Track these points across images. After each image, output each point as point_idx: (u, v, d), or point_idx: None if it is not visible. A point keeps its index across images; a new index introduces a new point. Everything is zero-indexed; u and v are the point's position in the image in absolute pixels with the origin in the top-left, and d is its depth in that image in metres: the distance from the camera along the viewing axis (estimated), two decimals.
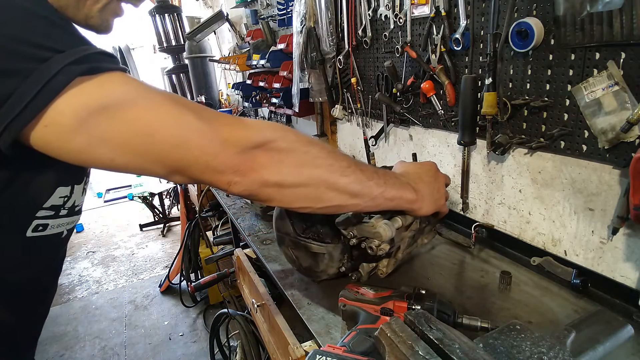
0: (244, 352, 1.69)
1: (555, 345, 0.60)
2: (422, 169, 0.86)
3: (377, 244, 0.85)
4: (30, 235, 0.62)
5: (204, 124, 0.54)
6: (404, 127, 1.53)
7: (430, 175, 0.85)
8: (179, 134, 0.52)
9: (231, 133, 0.56)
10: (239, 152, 0.56)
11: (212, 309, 2.94)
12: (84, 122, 0.48)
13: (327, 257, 0.92)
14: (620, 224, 0.87)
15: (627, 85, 0.81)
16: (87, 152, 0.50)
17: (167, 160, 0.53)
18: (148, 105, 0.51)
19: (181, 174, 0.55)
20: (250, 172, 0.58)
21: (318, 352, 0.66)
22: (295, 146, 0.62)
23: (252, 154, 0.57)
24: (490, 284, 1.00)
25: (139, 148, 0.51)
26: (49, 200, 0.62)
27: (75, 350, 2.73)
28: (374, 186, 0.72)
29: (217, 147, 0.55)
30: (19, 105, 0.45)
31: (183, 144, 0.53)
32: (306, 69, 1.88)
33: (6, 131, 0.46)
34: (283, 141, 0.61)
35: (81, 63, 0.47)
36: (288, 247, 0.97)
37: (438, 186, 0.85)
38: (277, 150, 0.60)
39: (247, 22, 2.93)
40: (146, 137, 0.51)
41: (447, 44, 1.19)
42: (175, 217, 4.38)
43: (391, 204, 0.76)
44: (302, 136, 0.65)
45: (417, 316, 0.62)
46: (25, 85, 0.45)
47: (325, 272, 0.95)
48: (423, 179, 0.83)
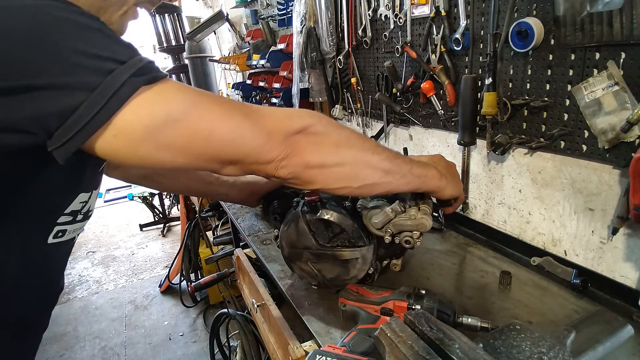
0: (244, 352, 1.69)
1: (555, 345, 0.60)
2: (435, 157, 0.89)
3: (417, 235, 0.85)
4: (51, 242, 0.64)
5: (250, 120, 0.59)
6: (404, 127, 1.53)
7: (443, 161, 0.88)
8: (232, 132, 0.57)
9: (274, 124, 0.61)
10: (283, 139, 0.61)
11: (212, 309, 2.94)
12: (151, 131, 0.51)
13: (361, 261, 0.89)
14: (620, 224, 0.87)
15: (627, 85, 0.81)
16: (152, 157, 0.54)
17: (222, 157, 0.58)
18: (202, 111, 0.55)
19: (234, 165, 0.60)
20: (295, 156, 0.62)
21: (318, 352, 0.66)
22: (329, 129, 0.67)
23: (295, 140, 0.62)
24: (490, 284, 1.00)
25: (199, 150, 0.56)
26: (70, 206, 0.64)
27: (75, 350, 2.73)
28: (402, 164, 0.76)
29: (265, 138, 0.59)
30: (87, 116, 0.47)
31: (236, 140, 0.58)
32: (306, 69, 1.88)
33: (71, 140, 0.47)
34: (319, 125, 0.65)
35: (142, 74, 0.50)
36: (307, 262, 0.93)
37: (453, 171, 0.88)
38: (315, 134, 0.65)
39: (247, 22, 2.93)
40: (204, 140, 0.55)
41: (447, 44, 1.19)
42: (175, 217, 4.37)
43: (419, 181, 0.79)
44: (332, 120, 0.70)
45: (417, 316, 0.62)
46: (92, 98, 0.46)
47: (356, 278, 0.92)
48: (439, 164, 0.85)
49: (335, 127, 0.69)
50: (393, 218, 0.85)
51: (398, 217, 0.85)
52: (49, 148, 0.48)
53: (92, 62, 0.47)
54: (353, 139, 0.70)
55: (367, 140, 0.73)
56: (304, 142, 0.63)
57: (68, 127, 0.47)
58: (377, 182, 0.72)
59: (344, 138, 0.68)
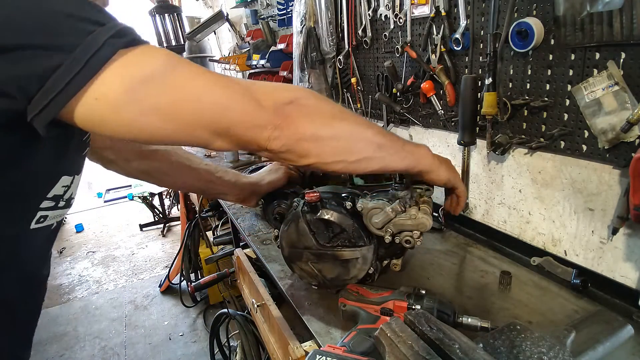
0: (244, 352, 1.69)
1: (555, 345, 0.60)
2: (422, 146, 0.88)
3: (417, 235, 0.85)
4: (34, 227, 0.63)
5: (240, 88, 0.58)
6: (404, 127, 1.53)
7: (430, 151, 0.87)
8: (221, 98, 0.56)
9: (265, 94, 0.60)
10: (275, 109, 0.60)
11: (212, 309, 2.94)
12: (134, 92, 0.49)
13: (361, 260, 0.89)
14: (620, 224, 0.87)
15: (627, 85, 0.81)
16: (137, 122, 0.51)
17: (213, 125, 0.56)
18: (190, 74, 0.54)
19: (225, 136, 0.59)
20: (287, 126, 0.61)
21: (318, 352, 0.66)
22: (321, 103, 0.68)
23: (287, 110, 0.62)
24: (490, 284, 1.00)
25: (188, 114, 0.54)
26: (52, 190, 0.62)
27: (75, 350, 2.73)
28: (395, 139, 0.76)
29: (255, 106, 0.59)
30: (65, 79, 0.45)
31: (226, 107, 0.56)
32: (306, 69, 1.88)
33: (50, 105, 0.46)
34: (311, 98, 0.66)
35: (121, 36, 0.48)
36: (307, 262, 0.93)
37: (442, 158, 0.86)
38: (307, 106, 0.65)
39: (247, 22, 2.93)
40: (194, 102, 0.54)
41: (447, 44, 1.19)
42: (175, 217, 4.37)
43: (413, 157, 0.79)
44: (323, 95, 0.72)
45: (417, 316, 0.62)
46: (71, 59, 0.45)
47: (356, 278, 0.92)
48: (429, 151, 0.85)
49: (327, 101, 0.69)
50: (393, 218, 0.85)
51: (398, 216, 0.85)
52: (29, 117, 0.46)
53: (71, 22, 0.46)
54: (345, 113, 0.70)
55: (358, 115, 0.73)
56: (296, 113, 0.63)
57: (47, 90, 0.45)
58: (372, 156, 0.71)
59: (337, 111, 0.68)
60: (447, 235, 1.28)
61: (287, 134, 0.62)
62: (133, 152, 0.97)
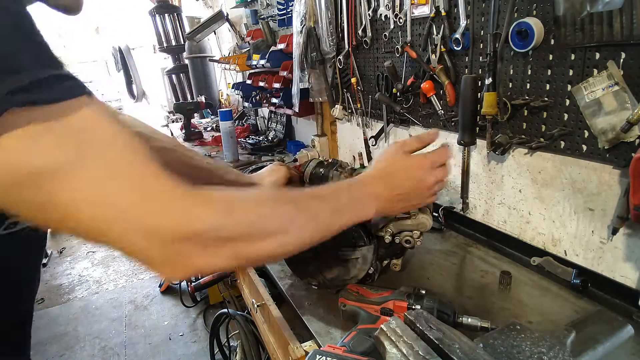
0: (244, 352, 1.69)
1: (555, 345, 0.60)
2: (398, 176, 0.75)
3: (417, 235, 0.85)
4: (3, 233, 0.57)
5: (134, 212, 0.46)
6: (404, 127, 1.53)
7: (399, 163, 0.76)
8: (102, 219, 0.45)
9: (163, 224, 0.47)
10: (168, 246, 0.48)
11: (212, 309, 2.94)
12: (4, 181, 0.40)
13: (361, 260, 0.89)
14: (620, 224, 0.87)
15: (627, 85, 0.81)
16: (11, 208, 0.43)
17: (87, 237, 0.47)
18: (80, 177, 0.43)
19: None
20: (183, 268, 0.50)
21: (318, 352, 0.66)
22: (239, 231, 0.53)
23: (182, 247, 0.49)
24: (490, 284, 1.00)
25: (57, 221, 0.45)
26: None
27: (75, 351, 2.73)
28: (326, 202, 0.65)
29: (145, 242, 0.47)
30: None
31: (106, 231, 0.46)
32: (306, 69, 1.88)
33: None
34: (224, 230, 0.52)
35: (27, 91, 0.39)
36: (307, 262, 0.93)
37: (415, 185, 0.75)
38: (214, 240, 0.51)
39: (247, 22, 2.93)
40: (65, 212, 0.44)
41: (447, 44, 1.19)
42: None
43: (352, 214, 0.69)
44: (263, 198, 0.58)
45: (417, 316, 0.62)
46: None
47: (356, 278, 0.92)
48: (391, 188, 0.74)
49: (250, 224, 0.54)
50: (393, 218, 0.85)
51: (399, 217, 0.85)
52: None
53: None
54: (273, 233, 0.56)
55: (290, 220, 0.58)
56: (194, 251, 0.50)
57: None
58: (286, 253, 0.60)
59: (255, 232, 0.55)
60: (447, 235, 1.28)
61: (179, 273, 0.51)
62: None
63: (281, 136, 2.70)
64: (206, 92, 3.84)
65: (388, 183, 0.73)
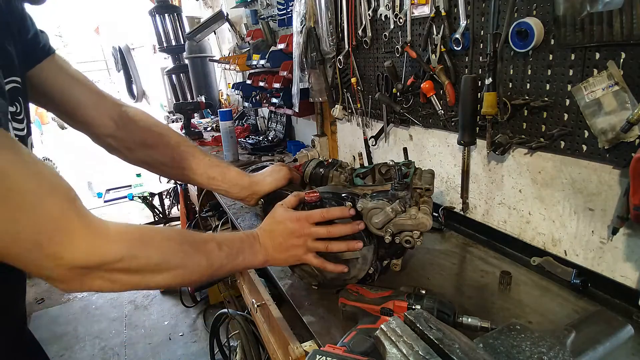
0: (244, 352, 1.69)
1: (555, 345, 0.60)
2: (277, 229, 0.85)
3: (417, 235, 0.85)
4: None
5: (41, 238, 0.52)
6: (404, 127, 1.53)
7: (282, 235, 0.84)
8: (11, 246, 0.51)
9: (69, 251, 0.53)
10: (70, 269, 0.54)
11: (212, 309, 2.94)
12: None
13: (361, 260, 0.89)
14: (620, 224, 0.87)
15: (627, 85, 0.81)
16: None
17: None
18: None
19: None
20: (79, 286, 0.58)
21: (318, 352, 0.66)
22: (145, 263, 0.62)
23: (86, 274, 0.56)
24: (490, 284, 1.00)
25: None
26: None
27: (75, 351, 2.73)
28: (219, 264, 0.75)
29: (50, 263, 0.53)
30: None
31: (13, 255, 0.52)
32: (306, 69, 1.88)
33: None
34: (130, 261, 0.59)
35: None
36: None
37: (289, 244, 0.84)
38: (118, 270, 0.59)
39: (247, 22, 2.93)
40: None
41: (447, 44, 1.19)
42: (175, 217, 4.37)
43: (239, 268, 0.80)
44: (158, 242, 0.65)
45: (417, 316, 0.61)
46: None
47: (356, 278, 0.92)
48: (273, 239, 0.84)
49: (152, 262, 0.63)
50: (393, 218, 0.85)
51: (398, 216, 0.85)
52: None
53: None
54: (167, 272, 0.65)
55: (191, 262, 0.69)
56: (94, 280, 0.57)
57: None
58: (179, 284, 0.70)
59: (157, 266, 0.64)
60: (447, 235, 1.28)
61: (73, 289, 0.59)
62: (136, 142, 0.98)
63: (281, 136, 2.70)
64: (206, 92, 3.84)
65: (270, 235, 0.83)
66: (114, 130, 0.95)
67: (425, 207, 0.88)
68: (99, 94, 0.93)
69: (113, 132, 0.95)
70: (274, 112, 2.80)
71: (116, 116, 0.95)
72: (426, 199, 0.94)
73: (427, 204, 0.91)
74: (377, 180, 1.07)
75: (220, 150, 2.52)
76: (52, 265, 0.53)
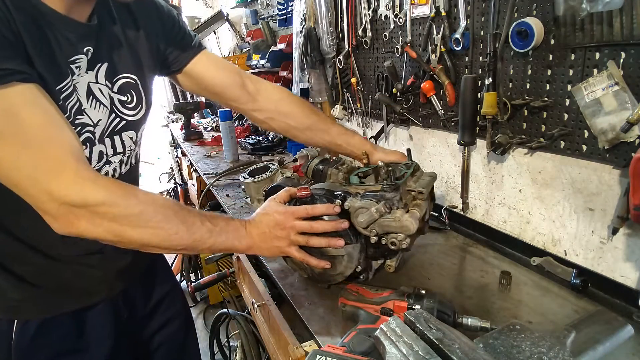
0: (244, 352, 1.69)
1: (555, 345, 0.60)
2: (264, 219, 0.88)
3: (401, 237, 0.85)
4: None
5: (37, 173, 0.62)
6: (404, 127, 1.53)
7: (268, 225, 0.87)
8: (14, 177, 0.63)
9: (59, 188, 0.63)
10: (61, 205, 0.64)
11: (212, 309, 2.94)
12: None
13: (347, 258, 0.89)
14: (620, 224, 0.87)
15: (627, 85, 0.81)
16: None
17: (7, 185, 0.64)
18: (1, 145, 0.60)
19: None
20: (68, 225, 0.66)
21: (318, 352, 0.66)
22: (125, 213, 0.68)
23: (73, 211, 0.65)
24: (490, 284, 1.00)
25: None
26: None
27: None
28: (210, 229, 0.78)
29: (44, 197, 0.63)
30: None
31: (16, 185, 0.63)
32: (306, 69, 1.88)
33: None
34: (111, 207, 0.67)
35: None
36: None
37: (273, 235, 0.86)
38: (100, 214, 0.66)
39: (247, 22, 2.93)
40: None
41: (447, 44, 1.19)
42: None
43: (220, 247, 0.83)
44: (142, 199, 0.70)
45: (417, 316, 0.62)
46: None
47: (342, 275, 0.92)
48: (259, 228, 0.86)
49: (135, 208, 0.69)
50: (377, 218, 0.85)
51: (383, 217, 0.85)
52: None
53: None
54: (153, 222, 0.70)
55: (172, 222, 0.73)
56: (81, 218, 0.65)
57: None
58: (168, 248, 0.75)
59: (140, 220, 0.69)
60: (447, 235, 1.28)
61: (66, 230, 0.66)
62: (274, 111, 1.12)
63: (281, 136, 2.70)
64: None
65: (257, 224, 0.86)
66: (256, 104, 1.10)
67: (415, 210, 0.88)
68: (241, 75, 1.09)
69: (257, 105, 1.10)
70: None
71: (256, 92, 1.11)
72: (419, 202, 0.94)
73: (419, 207, 0.91)
74: (380, 180, 1.07)
75: (221, 150, 2.52)
76: (46, 199, 0.63)
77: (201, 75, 1.04)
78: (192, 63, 1.02)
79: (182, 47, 1.00)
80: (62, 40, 0.71)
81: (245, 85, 1.09)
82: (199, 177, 2.41)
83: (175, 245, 0.75)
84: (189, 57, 1.01)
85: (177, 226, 0.73)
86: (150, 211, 0.70)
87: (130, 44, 0.86)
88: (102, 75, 0.80)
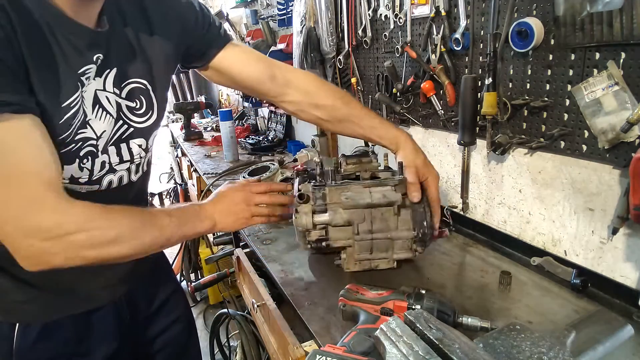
0: (244, 352, 1.69)
1: (555, 345, 0.60)
2: (221, 199, 0.95)
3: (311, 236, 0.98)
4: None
5: (15, 212, 0.62)
6: (404, 127, 1.53)
7: (225, 202, 0.94)
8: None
9: (38, 225, 0.64)
10: (39, 241, 0.64)
11: (212, 309, 2.94)
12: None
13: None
14: (620, 224, 0.87)
15: (627, 85, 0.81)
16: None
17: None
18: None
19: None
20: (42, 263, 0.66)
21: (318, 352, 0.66)
22: (101, 239, 0.69)
23: (49, 249, 0.65)
24: (490, 284, 1.00)
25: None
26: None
27: None
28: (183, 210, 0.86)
29: (19, 234, 0.63)
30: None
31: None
32: (306, 69, 1.88)
33: None
34: (83, 235, 0.67)
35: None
36: None
37: (236, 200, 0.95)
38: (79, 244, 0.67)
39: (247, 22, 2.93)
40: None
41: (447, 44, 1.19)
42: None
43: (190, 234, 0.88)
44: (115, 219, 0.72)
45: (417, 316, 0.62)
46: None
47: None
48: (216, 206, 0.92)
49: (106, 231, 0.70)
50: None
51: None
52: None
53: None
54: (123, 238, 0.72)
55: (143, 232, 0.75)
56: (57, 256, 0.66)
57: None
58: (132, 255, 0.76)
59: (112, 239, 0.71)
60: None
61: (37, 268, 0.67)
62: (303, 102, 1.09)
63: (281, 136, 2.70)
64: (206, 92, 3.85)
65: (214, 204, 0.92)
66: (286, 96, 1.08)
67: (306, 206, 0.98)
68: (270, 66, 1.06)
69: (287, 98, 1.09)
70: (273, 112, 2.80)
71: (285, 84, 1.08)
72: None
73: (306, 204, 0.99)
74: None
75: (220, 150, 2.52)
76: (21, 236, 0.63)
77: (228, 70, 1.02)
78: (217, 59, 1.00)
79: (205, 43, 0.97)
80: (69, 52, 0.70)
81: (274, 77, 1.05)
82: (199, 177, 2.41)
83: (154, 249, 0.79)
84: (213, 54, 0.99)
85: (151, 232, 0.76)
86: (125, 229, 0.72)
87: (142, 49, 0.84)
88: (110, 82, 0.79)
